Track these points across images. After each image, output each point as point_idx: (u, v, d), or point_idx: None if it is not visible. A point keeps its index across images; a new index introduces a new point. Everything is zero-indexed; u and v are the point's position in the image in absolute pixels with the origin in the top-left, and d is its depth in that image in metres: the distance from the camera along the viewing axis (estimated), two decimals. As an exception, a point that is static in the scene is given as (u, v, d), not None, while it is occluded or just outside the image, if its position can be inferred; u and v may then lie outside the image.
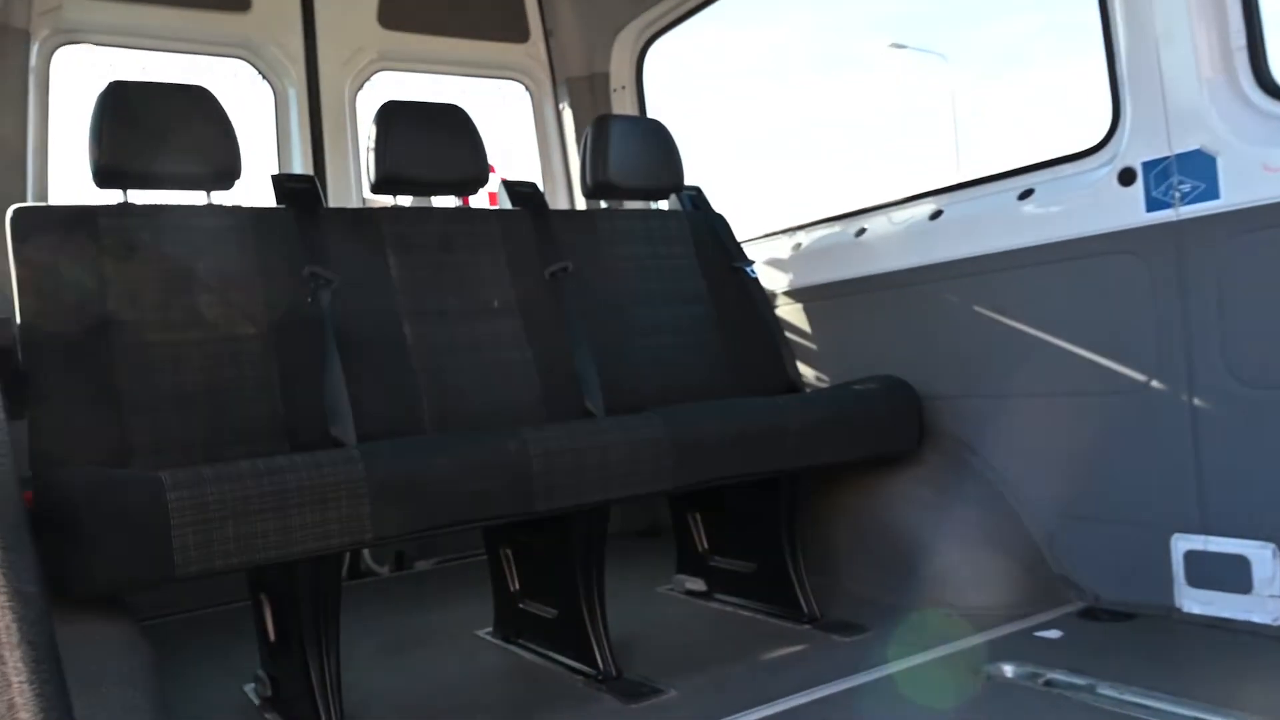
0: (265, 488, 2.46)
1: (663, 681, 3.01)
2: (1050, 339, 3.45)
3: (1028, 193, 3.52)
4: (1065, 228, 3.36)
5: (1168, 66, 3.08)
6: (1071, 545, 3.47)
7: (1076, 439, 3.41)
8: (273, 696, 3.05)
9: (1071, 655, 2.91)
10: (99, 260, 3.17)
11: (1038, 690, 2.70)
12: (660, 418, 3.19)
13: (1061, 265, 3.38)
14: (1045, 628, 3.18)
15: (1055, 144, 4.28)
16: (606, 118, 4.29)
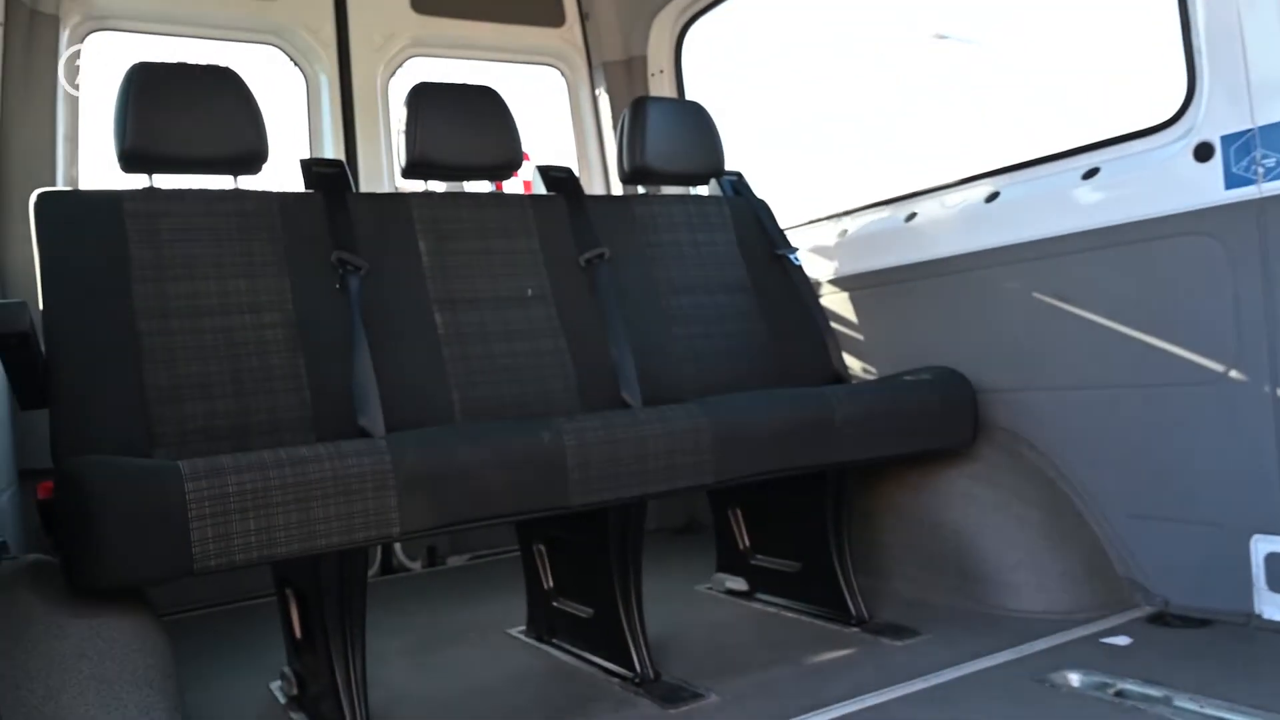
0: (288, 478, 2.36)
1: (703, 685, 2.89)
2: (1117, 327, 3.27)
3: (1093, 172, 3.34)
4: (1134, 208, 3.18)
5: (1250, 31, 2.89)
6: (1140, 546, 3.29)
7: (1146, 433, 3.23)
8: (298, 695, 2.98)
9: (1143, 664, 2.73)
10: (124, 246, 3.11)
11: (1109, 701, 2.52)
12: (701, 408, 3.06)
13: (1130, 248, 3.20)
14: (1112, 634, 3.01)
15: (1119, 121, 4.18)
16: (644, 100, 4.17)
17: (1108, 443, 3.35)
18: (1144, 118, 3.25)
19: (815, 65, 5.62)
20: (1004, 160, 3.73)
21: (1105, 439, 3.36)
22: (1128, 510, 3.31)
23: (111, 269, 3.07)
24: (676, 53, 5.66)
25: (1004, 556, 3.38)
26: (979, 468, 3.59)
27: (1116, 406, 3.31)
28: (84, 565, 2.22)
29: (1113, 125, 3.35)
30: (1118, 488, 3.34)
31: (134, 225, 3.15)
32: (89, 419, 2.85)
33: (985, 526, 3.45)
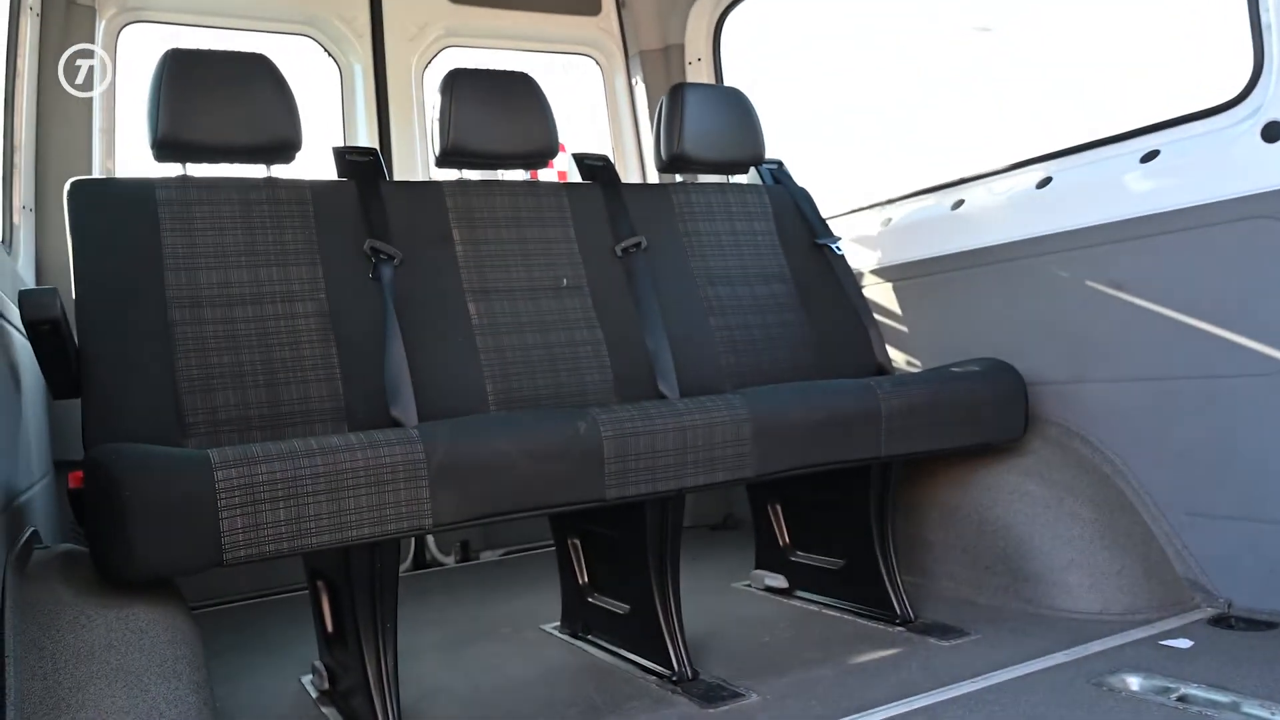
0: (319, 468, 2.33)
1: (742, 684, 2.82)
2: (1176, 316, 3.14)
3: (1152, 154, 3.22)
4: (1196, 192, 3.06)
5: None
6: (1201, 545, 3.17)
7: (1207, 427, 3.11)
8: (330, 689, 2.96)
9: (1207, 668, 2.61)
10: (156, 234, 3.11)
11: (1171, 707, 2.40)
12: (742, 399, 2.98)
13: (1191, 234, 3.08)
14: (1172, 636, 2.89)
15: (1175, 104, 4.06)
16: (682, 86, 4.10)
17: (1166, 437, 3.24)
18: (1200, 99, 3.13)
19: (859, 52, 5.52)
20: (1056, 145, 3.61)
21: (1163, 433, 3.25)
22: (1187, 507, 3.19)
23: (144, 257, 3.06)
24: (715, 40, 5.58)
25: (1056, 555, 3.26)
26: (1030, 462, 3.48)
27: (1176, 399, 3.19)
28: (113, 555, 2.19)
29: (1169, 108, 3.24)
30: (1177, 484, 3.22)
31: (167, 214, 3.15)
32: (120, 408, 2.83)
33: (1036, 524, 3.33)
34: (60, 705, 1.94)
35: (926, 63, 5.41)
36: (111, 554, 2.19)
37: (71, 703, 1.95)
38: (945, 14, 5.44)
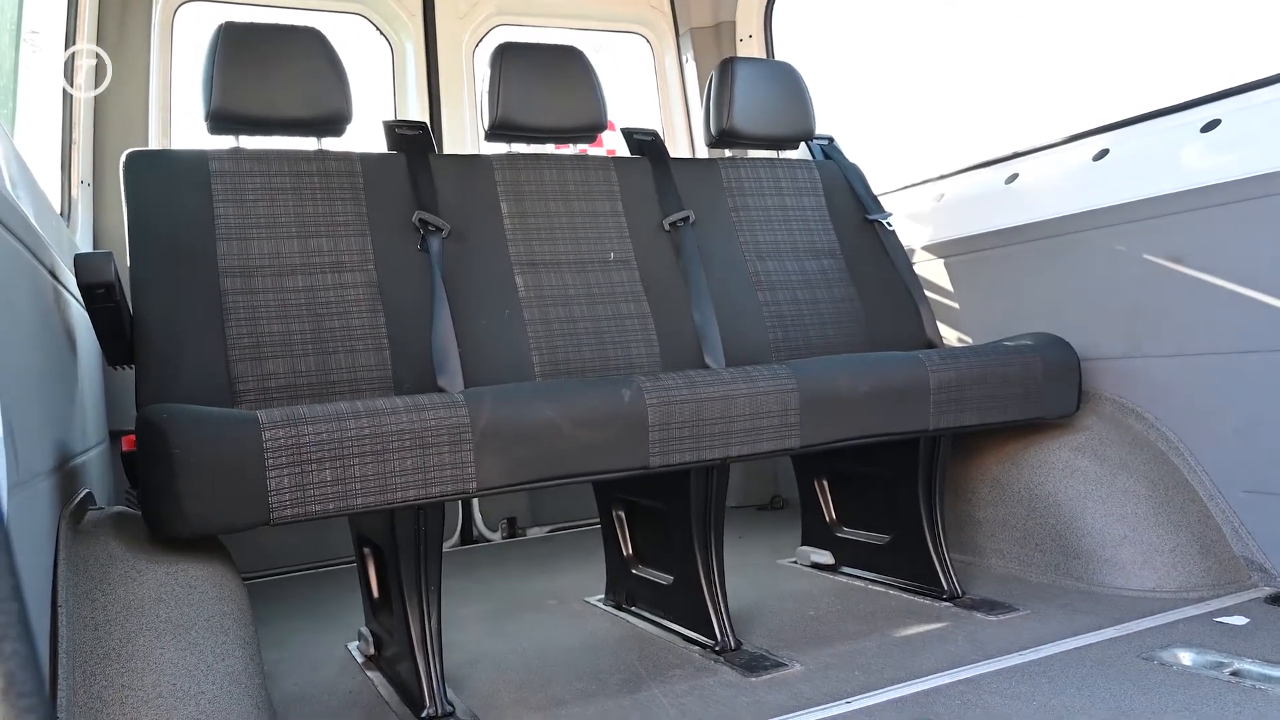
0: (365, 430, 2.34)
1: (785, 655, 2.80)
2: (1236, 289, 3.06)
3: (1213, 124, 3.14)
4: (1261, 161, 2.97)
5: None
6: (1259, 523, 3.09)
7: (1266, 402, 3.03)
8: (375, 654, 2.98)
9: (1262, 644, 2.55)
10: (209, 205, 3.16)
11: (1225, 681, 2.34)
12: (789, 370, 2.94)
13: (1253, 204, 2.99)
14: (1227, 614, 2.82)
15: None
16: (732, 60, 4.07)
17: (1224, 413, 3.16)
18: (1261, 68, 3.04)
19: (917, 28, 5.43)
20: (1113, 116, 3.54)
21: (1221, 409, 3.17)
22: (1245, 485, 3.11)
23: (197, 227, 3.11)
24: (767, 17, 5.54)
25: (1108, 532, 3.20)
26: (1083, 438, 3.41)
27: (1234, 374, 3.11)
28: (163, 511, 2.21)
29: (1228, 77, 3.16)
30: (1234, 461, 3.14)
31: (220, 185, 3.19)
32: (173, 374, 2.87)
33: (1088, 500, 3.27)
34: (110, 656, 1.96)
35: (982, 35, 5.31)
36: (161, 510, 2.21)
37: (121, 653, 1.97)
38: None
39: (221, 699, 2.11)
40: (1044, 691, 2.37)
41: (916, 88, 5.74)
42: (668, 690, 2.60)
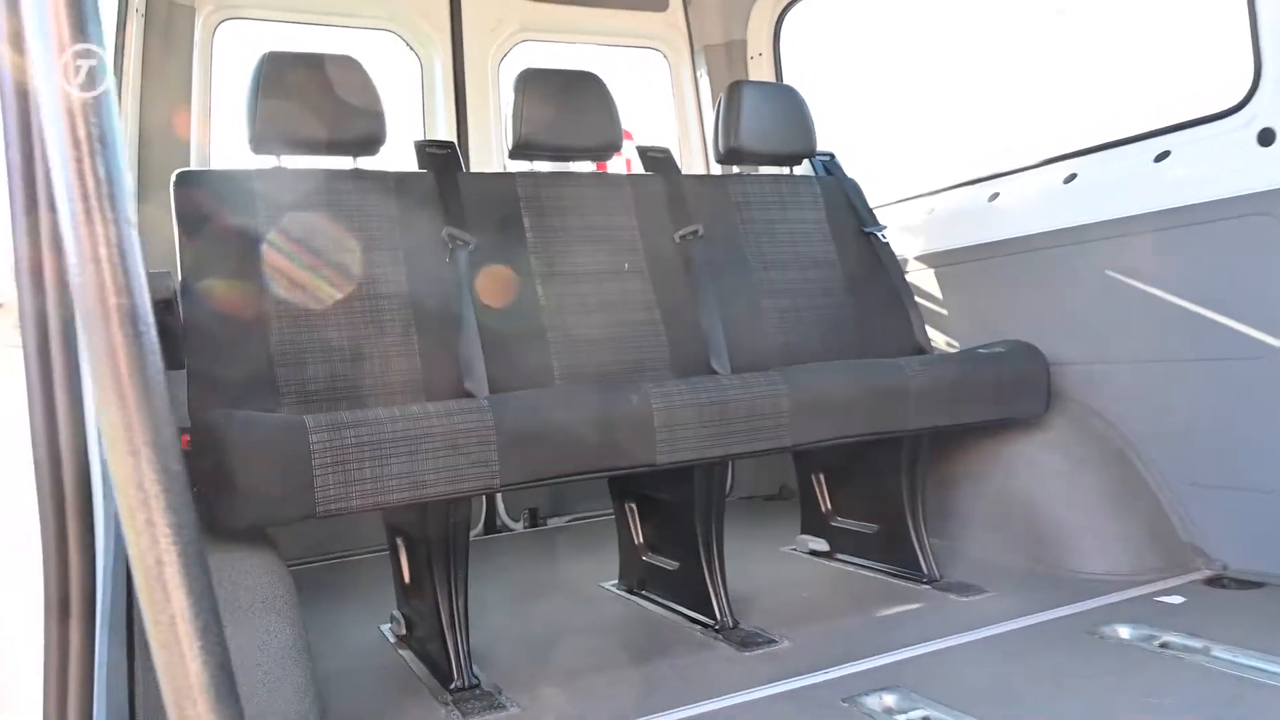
0: (400, 433, 2.60)
1: (777, 632, 3.10)
2: (1182, 303, 3.38)
3: (1164, 155, 3.45)
4: (1203, 190, 3.29)
5: None
6: (1201, 513, 3.41)
7: (1210, 405, 3.35)
8: (406, 634, 3.22)
9: (1191, 620, 2.88)
10: (253, 221, 3.33)
11: (1152, 651, 2.69)
12: (781, 376, 3.24)
13: (1198, 229, 3.31)
14: (1168, 594, 3.15)
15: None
16: (739, 84, 4.32)
17: (1172, 414, 3.47)
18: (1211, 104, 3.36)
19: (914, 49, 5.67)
20: (1084, 143, 3.85)
21: (1170, 410, 3.48)
22: (1190, 479, 3.43)
23: (242, 242, 3.28)
24: (775, 37, 5.81)
25: (1070, 521, 3.53)
26: (1050, 437, 3.73)
27: (1181, 379, 3.43)
28: (220, 507, 2.45)
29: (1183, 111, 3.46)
30: (1181, 457, 3.46)
31: (263, 203, 3.37)
32: (220, 378, 3.08)
33: (1054, 493, 3.60)
34: None
35: (974, 60, 5.60)
36: (219, 506, 2.45)
37: None
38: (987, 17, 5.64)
39: (275, 671, 2.43)
40: (998, 660, 2.72)
41: (913, 105, 6.03)
42: (671, 664, 2.91)
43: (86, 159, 0.95)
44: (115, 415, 0.89)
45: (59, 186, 0.95)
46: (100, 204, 0.95)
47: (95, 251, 0.93)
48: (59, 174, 0.95)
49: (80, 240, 0.93)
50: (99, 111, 0.97)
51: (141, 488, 0.88)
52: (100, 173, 0.95)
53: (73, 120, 0.96)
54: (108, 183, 0.95)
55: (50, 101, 0.97)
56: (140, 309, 0.94)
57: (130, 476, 0.89)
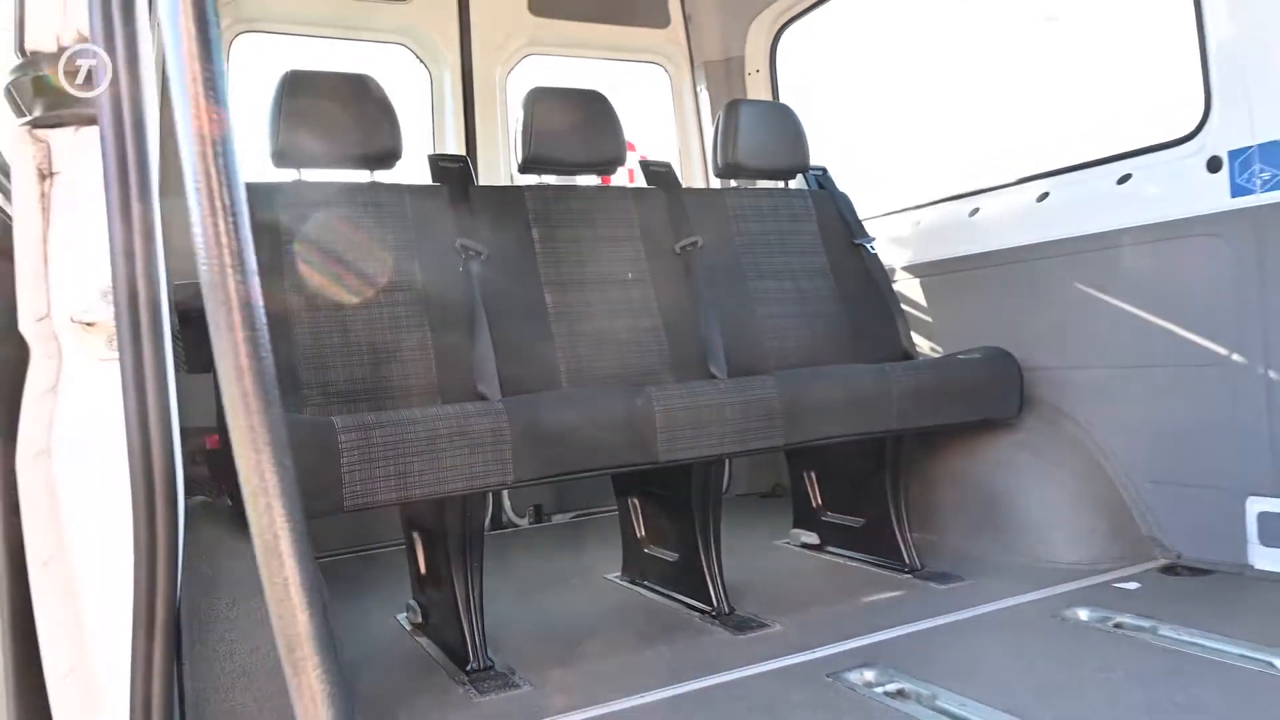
0: (422, 433, 2.79)
1: (770, 618, 3.34)
2: (1144, 315, 3.66)
3: (1125, 177, 3.73)
4: (1159, 211, 3.57)
5: (1251, 62, 3.27)
6: (1158, 507, 3.70)
7: (1168, 408, 3.63)
8: (422, 622, 3.43)
9: (1144, 603, 3.16)
10: (277, 231, 3.49)
11: (1106, 631, 2.98)
12: (774, 380, 3.48)
13: (1155, 246, 3.59)
14: (1126, 580, 3.43)
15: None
16: (737, 103, 4.55)
17: (1135, 416, 3.75)
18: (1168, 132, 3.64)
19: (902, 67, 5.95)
20: (1057, 163, 4.13)
21: (1133, 413, 3.76)
22: (1150, 476, 3.71)
23: (266, 250, 3.36)
24: (772, 54, 6.07)
25: (1042, 516, 3.82)
26: (1023, 437, 4.01)
27: (1142, 384, 3.71)
28: None
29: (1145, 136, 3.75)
30: (1142, 456, 3.74)
31: (285, 213, 3.49)
32: None
33: (1027, 489, 3.89)
34: (221, 615, 2.39)
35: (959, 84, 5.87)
36: None
37: (229, 615, 2.40)
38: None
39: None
40: (968, 640, 3.00)
41: (901, 123, 6.30)
42: (671, 647, 3.15)
43: (218, 185, 1.22)
44: (241, 420, 1.16)
45: (192, 207, 1.21)
46: (227, 223, 1.22)
47: (223, 265, 1.20)
48: (192, 198, 1.21)
49: (210, 257, 1.20)
50: (223, 136, 1.24)
51: (263, 478, 1.15)
52: (228, 199, 1.22)
53: (204, 146, 1.22)
54: (232, 212, 1.22)
55: (187, 130, 1.22)
56: (257, 318, 1.20)
57: (254, 469, 1.16)
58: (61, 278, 1.69)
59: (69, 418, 1.71)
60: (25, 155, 1.71)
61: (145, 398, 1.61)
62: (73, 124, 1.72)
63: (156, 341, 1.58)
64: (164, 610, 1.65)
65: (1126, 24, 4.81)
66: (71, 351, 1.70)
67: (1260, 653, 2.66)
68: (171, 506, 1.63)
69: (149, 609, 1.64)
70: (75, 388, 1.71)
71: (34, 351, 1.72)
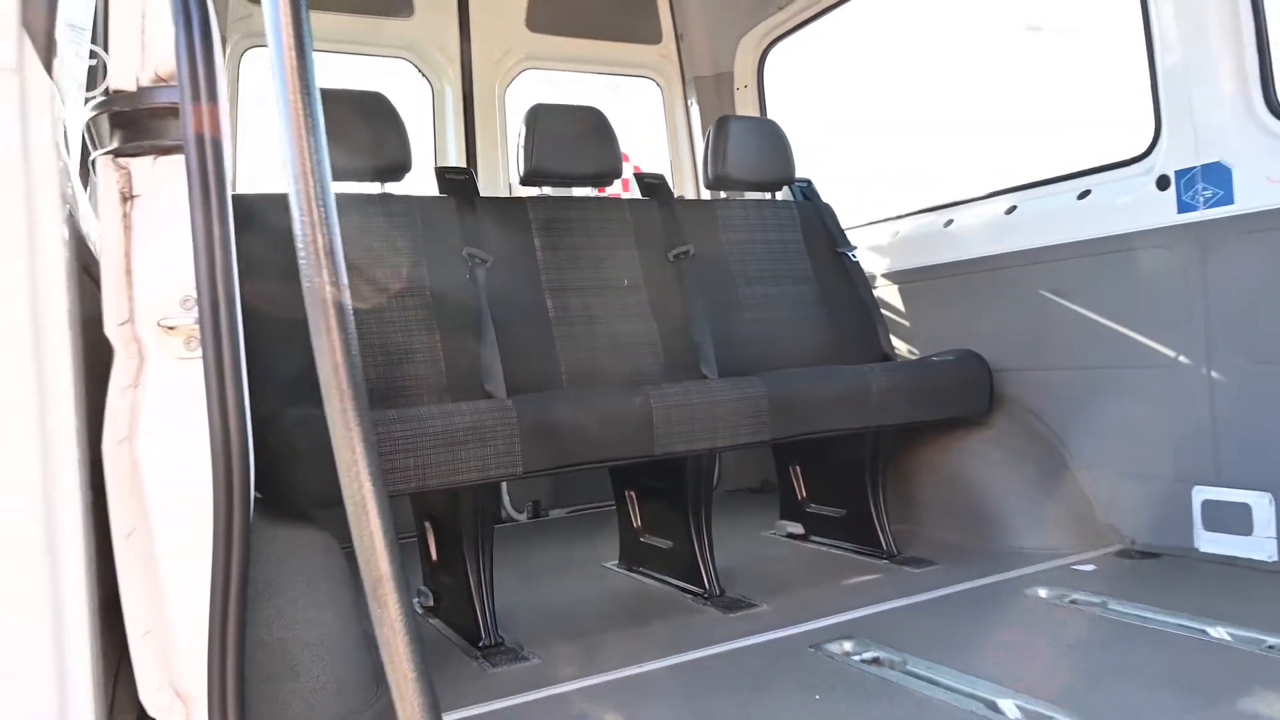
0: (438, 428, 3.02)
1: (757, 599, 3.58)
2: (1102, 320, 3.95)
3: (1085, 193, 4.03)
4: (1116, 224, 3.87)
5: (1196, 91, 3.57)
6: (1116, 497, 3.99)
7: (1121, 406, 3.92)
8: (433, 606, 3.64)
9: (1098, 583, 3.46)
10: (291, 240, 3.68)
11: (1062, 606, 3.27)
12: (761, 380, 3.74)
13: (1112, 257, 3.89)
14: (1083, 563, 3.73)
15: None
16: (726, 119, 4.81)
17: (1094, 413, 4.05)
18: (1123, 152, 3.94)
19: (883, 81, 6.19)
20: (1025, 178, 4.43)
21: (1093, 410, 4.05)
22: (1109, 468, 4.01)
23: (284, 260, 3.42)
24: (760, 70, 6.33)
25: (1009, 505, 4.11)
26: (994, 433, 4.30)
27: (1101, 384, 4.01)
28: (285, 491, 2.83)
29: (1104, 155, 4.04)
30: (1100, 450, 4.04)
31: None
32: (269, 382, 3.31)
33: (997, 481, 4.17)
34: (259, 595, 2.58)
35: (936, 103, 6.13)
36: (281, 490, 2.81)
37: (267, 591, 2.60)
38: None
39: (338, 627, 2.81)
40: (938, 615, 3.28)
41: (881, 139, 6.58)
42: (667, 624, 3.39)
43: (318, 209, 1.48)
44: (336, 405, 1.43)
45: (292, 191, 1.46)
46: (323, 221, 1.48)
47: (322, 278, 1.47)
48: (296, 221, 1.47)
49: (311, 270, 1.46)
50: (320, 163, 1.50)
51: (353, 452, 1.42)
52: (321, 196, 1.48)
53: (305, 173, 1.48)
54: (323, 203, 1.49)
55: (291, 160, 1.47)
56: (348, 320, 1.46)
57: (346, 443, 1.43)
58: (144, 287, 1.95)
59: (150, 409, 1.97)
60: (110, 180, 1.97)
61: (225, 389, 1.87)
62: (151, 154, 1.97)
63: (234, 342, 1.85)
64: (238, 575, 1.91)
65: (1095, 49, 5.09)
66: (153, 351, 1.96)
67: (1195, 622, 2.97)
68: (245, 484, 1.89)
69: (225, 575, 1.90)
70: (156, 383, 1.97)
71: (117, 352, 1.98)
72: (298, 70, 1.41)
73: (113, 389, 1.98)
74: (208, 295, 1.83)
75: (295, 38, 1.45)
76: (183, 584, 1.98)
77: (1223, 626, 2.90)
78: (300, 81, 1.41)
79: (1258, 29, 3.45)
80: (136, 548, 1.99)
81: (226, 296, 1.84)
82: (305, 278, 1.43)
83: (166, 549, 1.99)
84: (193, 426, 1.94)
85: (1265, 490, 3.42)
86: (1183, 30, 3.58)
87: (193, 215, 1.81)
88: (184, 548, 1.97)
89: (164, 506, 1.98)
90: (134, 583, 2.00)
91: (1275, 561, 3.43)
